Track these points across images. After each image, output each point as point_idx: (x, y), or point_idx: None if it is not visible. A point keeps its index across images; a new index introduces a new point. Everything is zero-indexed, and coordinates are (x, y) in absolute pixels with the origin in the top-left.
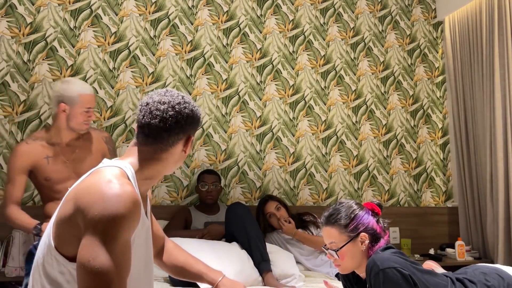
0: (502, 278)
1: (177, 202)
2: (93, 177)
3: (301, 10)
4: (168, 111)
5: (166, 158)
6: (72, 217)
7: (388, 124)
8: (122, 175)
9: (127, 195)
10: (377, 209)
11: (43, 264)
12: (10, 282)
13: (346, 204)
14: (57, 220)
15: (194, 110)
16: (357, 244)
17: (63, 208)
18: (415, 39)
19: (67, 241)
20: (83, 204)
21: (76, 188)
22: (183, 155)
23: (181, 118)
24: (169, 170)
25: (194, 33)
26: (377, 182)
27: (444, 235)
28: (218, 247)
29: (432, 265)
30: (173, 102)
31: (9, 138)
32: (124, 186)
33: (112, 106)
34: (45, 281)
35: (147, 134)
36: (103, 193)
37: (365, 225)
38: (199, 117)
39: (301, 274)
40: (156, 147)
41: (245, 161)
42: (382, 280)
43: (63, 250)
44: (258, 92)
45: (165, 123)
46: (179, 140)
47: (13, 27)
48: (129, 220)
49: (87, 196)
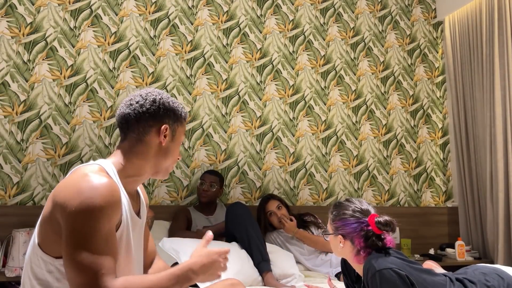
0: (502, 278)
1: (177, 202)
2: (71, 175)
3: (301, 10)
4: (135, 99)
5: (144, 152)
6: (52, 214)
7: (388, 124)
8: (100, 170)
9: (103, 186)
10: (375, 230)
11: (31, 266)
12: (10, 282)
13: (349, 205)
14: (41, 220)
15: (164, 98)
16: (337, 241)
17: (45, 207)
18: (415, 39)
19: (50, 239)
20: (60, 200)
21: (56, 187)
22: (163, 149)
23: (148, 103)
24: (152, 166)
25: (194, 33)
26: (377, 182)
27: (444, 235)
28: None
29: (432, 265)
30: (143, 92)
31: (9, 138)
32: (100, 178)
33: (112, 106)
34: (35, 283)
35: (121, 126)
36: (79, 187)
37: (346, 232)
38: (173, 106)
39: (301, 274)
40: (131, 139)
41: (245, 161)
42: (379, 281)
43: (47, 249)
44: (258, 92)
45: (133, 110)
46: (150, 128)
47: (13, 27)
48: (108, 210)
49: (64, 191)
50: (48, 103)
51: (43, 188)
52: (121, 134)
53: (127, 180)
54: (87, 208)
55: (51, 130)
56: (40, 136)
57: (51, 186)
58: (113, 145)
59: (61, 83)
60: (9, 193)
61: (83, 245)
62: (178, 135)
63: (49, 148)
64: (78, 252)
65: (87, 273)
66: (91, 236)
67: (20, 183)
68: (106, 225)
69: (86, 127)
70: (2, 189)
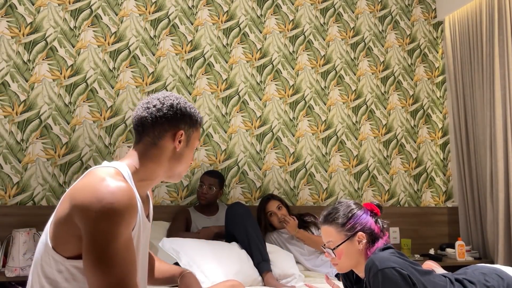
0: (501, 279)
1: (177, 202)
2: (88, 177)
3: (301, 10)
4: (153, 102)
5: (158, 155)
6: (69, 217)
7: (388, 124)
8: (117, 174)
9: (122, 191)
10: (376, 209)
11: (41, 264)
12: (10, 282)
13: (345, 203)
14: (55, 220)
15: (181, 103)
16: (354, 243)
17: (61, 208)
18: (415, 39)
19: (65, 240)
20: (79, 204)
21: (72, 189)
22: (177, 154)
23: (166, 108)
24: (166, 171)
25: (194, 33)
26: (377, 182)
27: (444, 235)
28: (218, 247)
29: (432, 265)
30: (161, 96)
31: (9, 138)
32: (118, 183)
33: (112, 106)
34: (44, 281)
35: (136, 128)
36: (98, 192)
37: (363, 225)
38: (190, 112)
39: (301, 274)
40: (146, 142)
41: (245, 161)
42: (381, 280)
43: (60, 250)
44: (258, 92)
45: (150, 113)
46: (165, 132)
47: (13, 27)
48: (127, 216)
49: (82, 196)
50: (48, 103)
51: (43, 188)
52: (136, 136)
53: (140, 184)
54: (108, 214)
55: (51, 130)
56: (40, 136)
57: (51, 186)
58: (113, 145)
59: (61, 83)
60: (9, 193)
61: (106, 251)
62: (192, 141)
63: (49, 148)
64: (101, 259)
65: (112, 279)
66: (112, 242)
67: (20, 183)
68: (125, 231)
69: (86, 127)
70: (2, 189)
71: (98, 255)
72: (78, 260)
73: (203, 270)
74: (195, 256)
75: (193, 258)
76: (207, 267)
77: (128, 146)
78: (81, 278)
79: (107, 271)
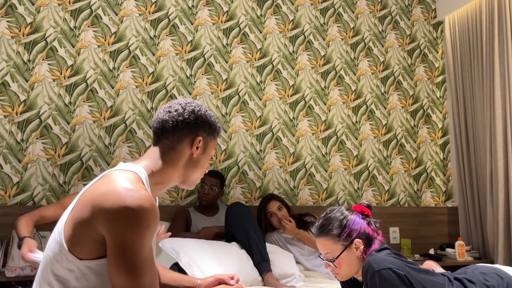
0: (501, 278)
1: (177, 202)
2: (109, 182)
3: (301, 10)
4: (175, 107)
5: (174, 160)
6: (90, 221)
7: (388, 124)
8: (138, 180)
9: (147, 201)
10: (366, 211)
11: (52, 262)
12: (10, 282)
13: (336, 211)
14: (73, 222)
15: (202, 110)
16: (352, 250)
17: (80, 211)
18: (415, 39)
19: (81, 242)
20: (105, 212)
21: (92, 193)
22: (193, 160)
23: (187, 113)
24: (180, 176)
25: (194, 33)
26: (377, 182)
27: (444, 235)
28: (218, 247)
29: (432, 265)
30: (183, 102)
31: (9, 138)
32: (142, 191)
33: (112, 106)
34: (52, 278)
35: (156, 131)
36: (125, 201)
37: (358, 231)
38: (211, 120)
39: (301, 274)
40: (164, 145)
41: (245, 161)
42: (378, 281)
43: (73, 250)
44: (258, 92)
45: (171, 117)
46: (184, 137)
47: (13, 27)
48: (152, 225)
49: (109, 204)
50: (48, 103)
51: (43, 188)
52: (154, 138)
53: (154, 187)
54: (136, 224)
55: (51, 130)
56: (40, 136)
57: (51, 186)
58: (113, 145)
59: (61, 83)
60: (9, 193)
61: (135, 261)
62: (209, 149)
63: (49, 148)
64: (132, 268)
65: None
66: (138, 254)
67: (20, 183)
68: (151, 239)
69: (86, 127)
70: (2, 189)
71: (128, 264)
72: (91, 261)
73: (203, 270)
74: (195, 256)
75: (193, 258)
76: (207, 267)
77: (128, 146)
78: (92, 278)
79: (138, 279)
